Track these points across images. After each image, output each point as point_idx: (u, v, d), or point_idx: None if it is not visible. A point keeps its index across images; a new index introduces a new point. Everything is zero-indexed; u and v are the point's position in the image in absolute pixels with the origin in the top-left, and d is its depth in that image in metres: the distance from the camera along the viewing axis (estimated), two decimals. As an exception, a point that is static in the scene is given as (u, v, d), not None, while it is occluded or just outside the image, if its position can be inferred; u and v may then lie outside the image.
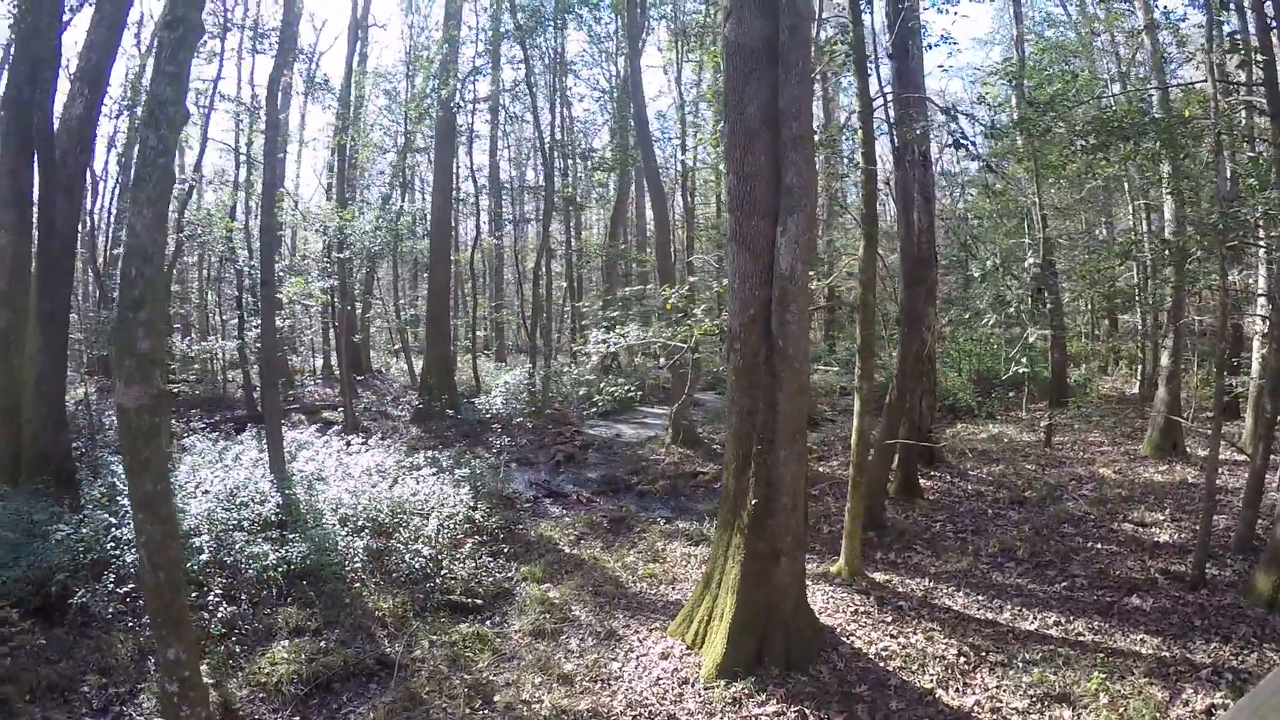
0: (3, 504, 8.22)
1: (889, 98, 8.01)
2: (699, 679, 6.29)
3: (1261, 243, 8.08)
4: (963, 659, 6.18)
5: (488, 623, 7.83)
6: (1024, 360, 7.38)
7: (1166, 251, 9.29)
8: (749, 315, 6.52)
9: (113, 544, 7.52)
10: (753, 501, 6.45)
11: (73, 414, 11.74)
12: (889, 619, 7.07)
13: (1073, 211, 17.32)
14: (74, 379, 21.08)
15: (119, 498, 8.27)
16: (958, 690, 5.81)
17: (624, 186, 25.04)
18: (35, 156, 8.68)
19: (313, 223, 15.70)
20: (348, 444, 12.47)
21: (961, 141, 6.75)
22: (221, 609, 7.13)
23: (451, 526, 9.73)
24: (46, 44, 8.41)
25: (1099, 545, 8.49)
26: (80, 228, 18.85)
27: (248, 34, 16.69)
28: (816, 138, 8.44)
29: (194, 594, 7.32)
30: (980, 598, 7.41)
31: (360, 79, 20.62)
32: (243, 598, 7.69)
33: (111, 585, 7.04)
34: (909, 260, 8.69)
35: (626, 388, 15.03)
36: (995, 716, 5.51)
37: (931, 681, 5.92)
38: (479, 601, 8.22)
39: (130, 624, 6.98)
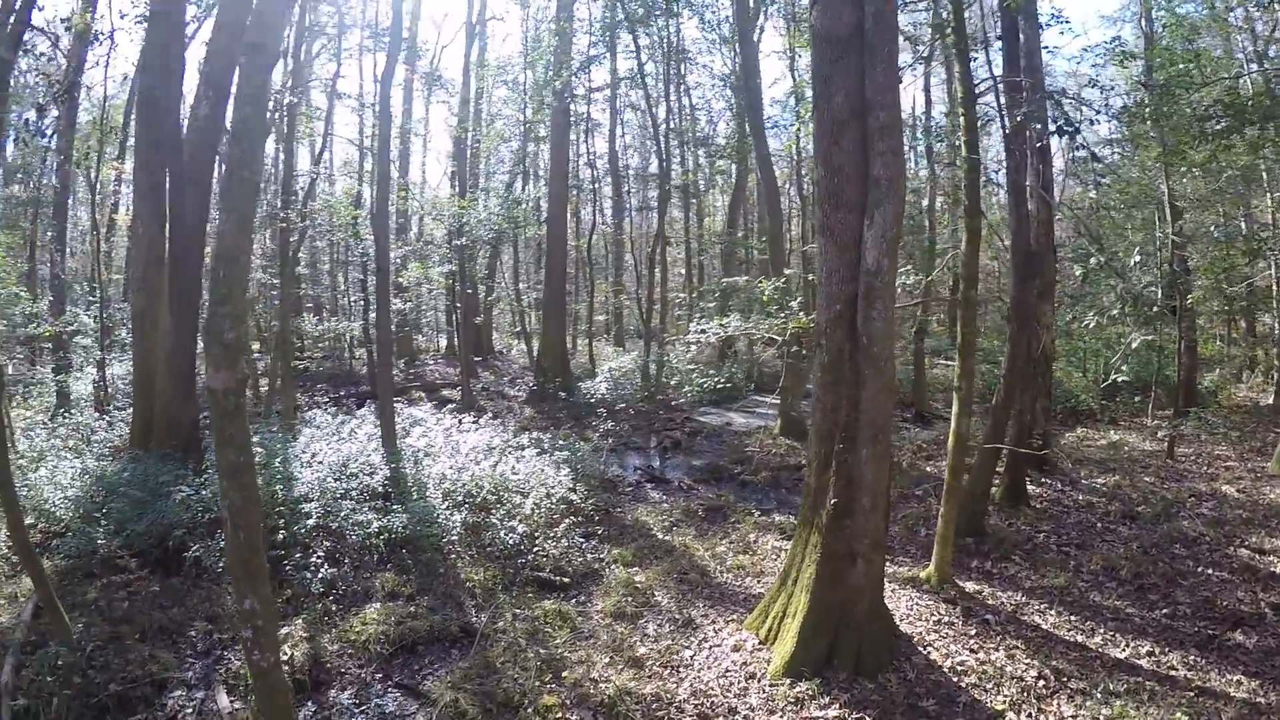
0: (133, 466, 9.26)
1: (999, 82, 7.49)
2: (766, 675, 6.25)
3: None
4: (1041, 682, 5.79)
5: (572, 601, 8.04)
6: (1123, 368, 6.69)
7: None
8: (835, 311, 6.36)
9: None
10: (832, 501, 6.31)
11: (203, 388, 13.09)
12: (972, 632, 6.72)
13: (1210, 204, 15.47)
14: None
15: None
16: (1030, 716, 5.45)
17: (743, 174, 24.71)
18: (166, 155, 9.56)
19: (429, 210, 16.54)
20: (459, 422, 13.13)
21: (1065, 128, 6.21)
22: (323, 570, 7.76)
23: (548, 506, 10.00)
24: (173, 53, 9.27)
25: (1209, 571, 7.71)
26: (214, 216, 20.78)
27: (366, 33, 17.64)
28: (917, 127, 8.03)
29: (298, 555, 8.03)
30: (1073, 618, 6.89)
31: (480, 71, 21.42)
32: (345, 561, 8.33)
33: (223, 542, 7.79)
34: (1020, 254, 8.12)
35: (716, 379, 14.93)
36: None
37: (1004, 703, 5.59)
38: (566, 580, 8.46)
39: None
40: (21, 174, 18.34)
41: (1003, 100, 7.67)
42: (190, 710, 5.81)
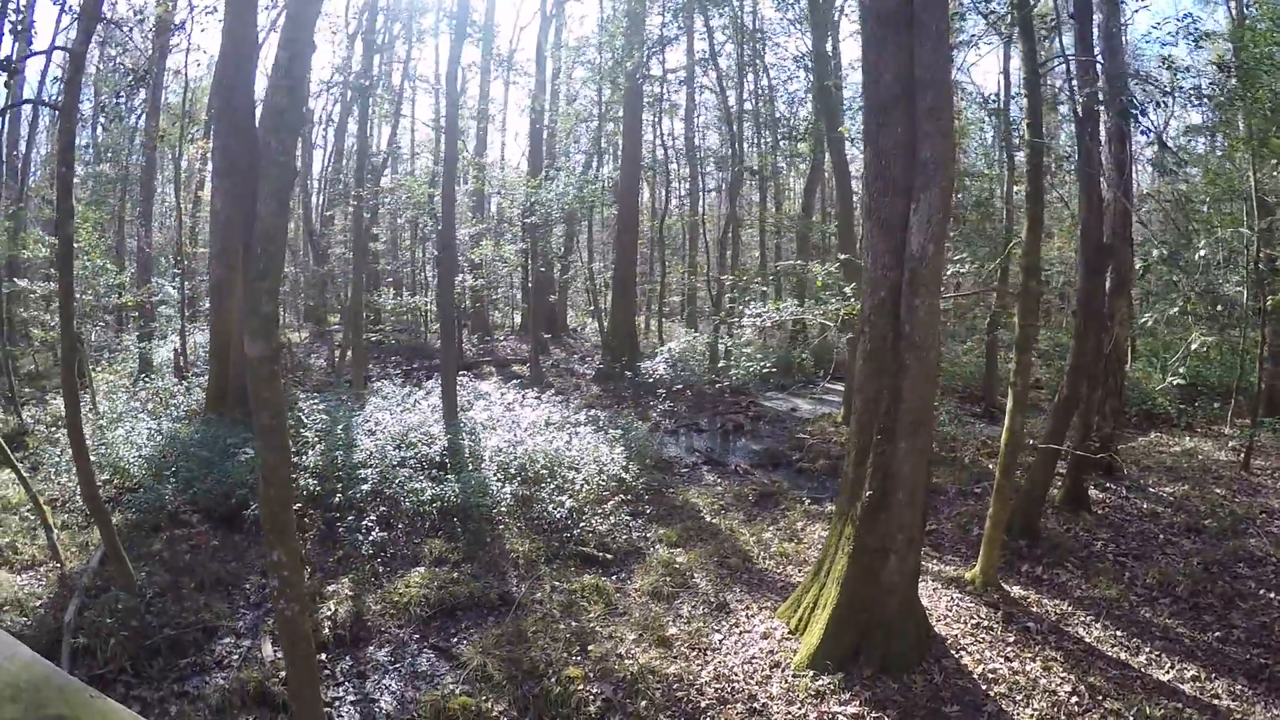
0: (204, 429, 9.93)
1: (1069, 61, 6.99)
2: (790, 665, 6.19)
3: None
4: (1074, 699, 5.48)
5: (612, 577, 8.12)
6: (1180, 370, 6.10)
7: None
8: (879, 298, 6.16)
9: (290, 468, 8.79)
10: (867, 493, 6.16)
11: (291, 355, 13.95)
12: (1011, 638, 6.44)
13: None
14: (293, 324, 24.64)
15: (302, 430, 9.65)
16: (1056, 733, 5.21)
17: (820, 157, 24.10)
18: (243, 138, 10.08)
19: (496, 188, 16.90)
20: (523, 397, 13.44)
21: (1130, 111, 5.74)
22: (374, 534, 8.14)
23: (598, 483, 10.09)
24: (246, 42, 9.73)
25: (1272, 594, 7.07)
26: (304, 194, 21.77)
27: (439, 15, 18.08)
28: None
29: (351, 518, 8.44)
30: (1119, 633, 6.48)
31: (556, 53, 21.62)
32: (399, 526, 8.71)
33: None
34: (1090, 245, 7.60)
35: (763, 363, 14.68)
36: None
37: (1031, 717, 5.33)
38: (609, 556, 8.54)
39: (297, 538, 8.16)
40: (110, 153, 19.85)
41: (1074, 81, 7.16)
42: (237, 656, 6.25)
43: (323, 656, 6.42)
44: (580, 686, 6.03)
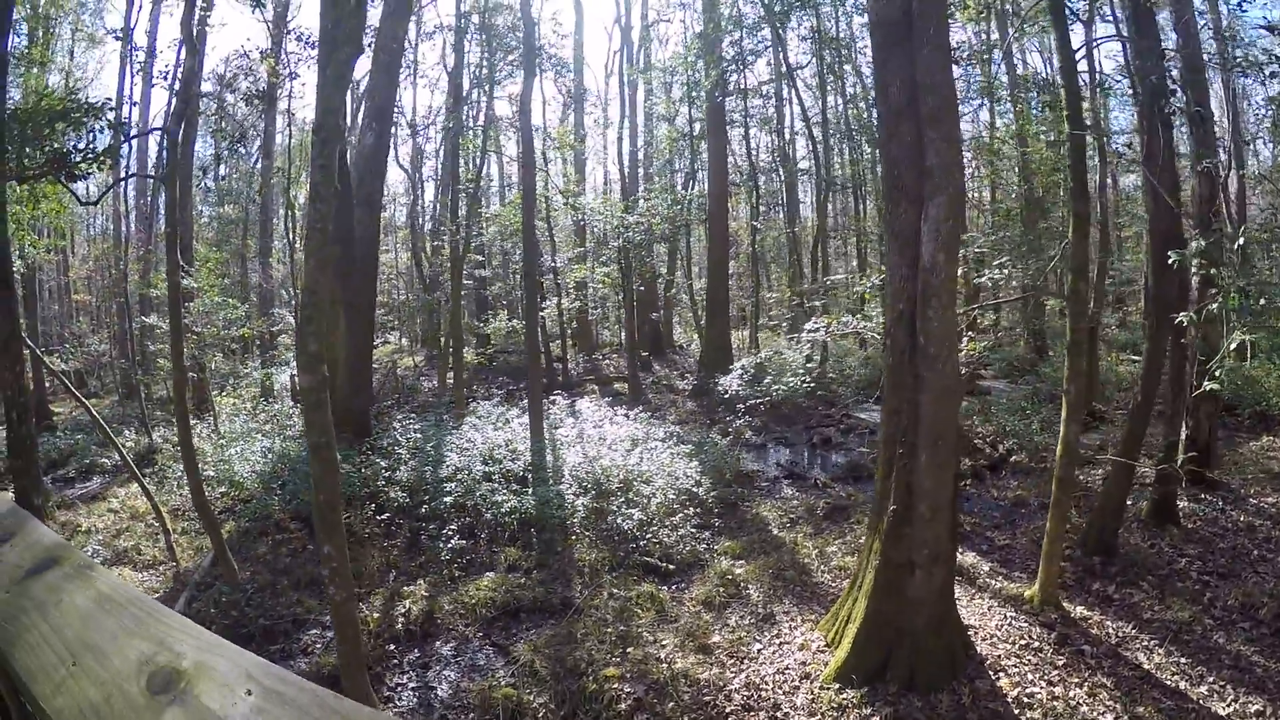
0: None
1: (1127, 44, 6.54)
2: (819, 678, 6.23)
3: None
4: (1113, 730, 5.15)
5: (671, 587, 8.44)
6: (1217, 373, 5.33)
7: None
8: (898, 310, 6.14)
9: (383, 482, 9.78)
10: (891, 508, 6.13)
11: (402, 378, 15.23)
12: (1061, 661, 6.10)
13: None
14: (408, 348, 26.61)
15: (396, 448, 10.65)
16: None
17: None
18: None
19: (584, 214, 17.64)
20: (615, 414, 14.01)
21: (1173, 88, 5.31)
22: (453, 541, 8.92)
23: (669, 496, 10.43)
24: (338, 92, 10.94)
25: None
26: (414, 228, 23.58)
27: (515, 56, 19.18)
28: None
29: (433, 526, 9.28)
30: (1183, 659, 5.94)
31: (643, 75, 22.21)
32: (481, 535, 9.46)
33: (371, 512, 9.21)
34: (1160, 238, 7.01)
35: (804, 380, 14.33)
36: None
37: (1057, 748, 5.08)
38: (671, 567, 8.86)
39: (385, 544, 9.09)
40: (230, 197, 22.47)
41: (1133, 65, 6.69)
42: (320, 645, 7.14)
43: (393, 648, 7.22)
44: (615, 685, 6.39)
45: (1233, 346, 5.21)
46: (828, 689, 6.02)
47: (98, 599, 0.80)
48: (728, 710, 6.04)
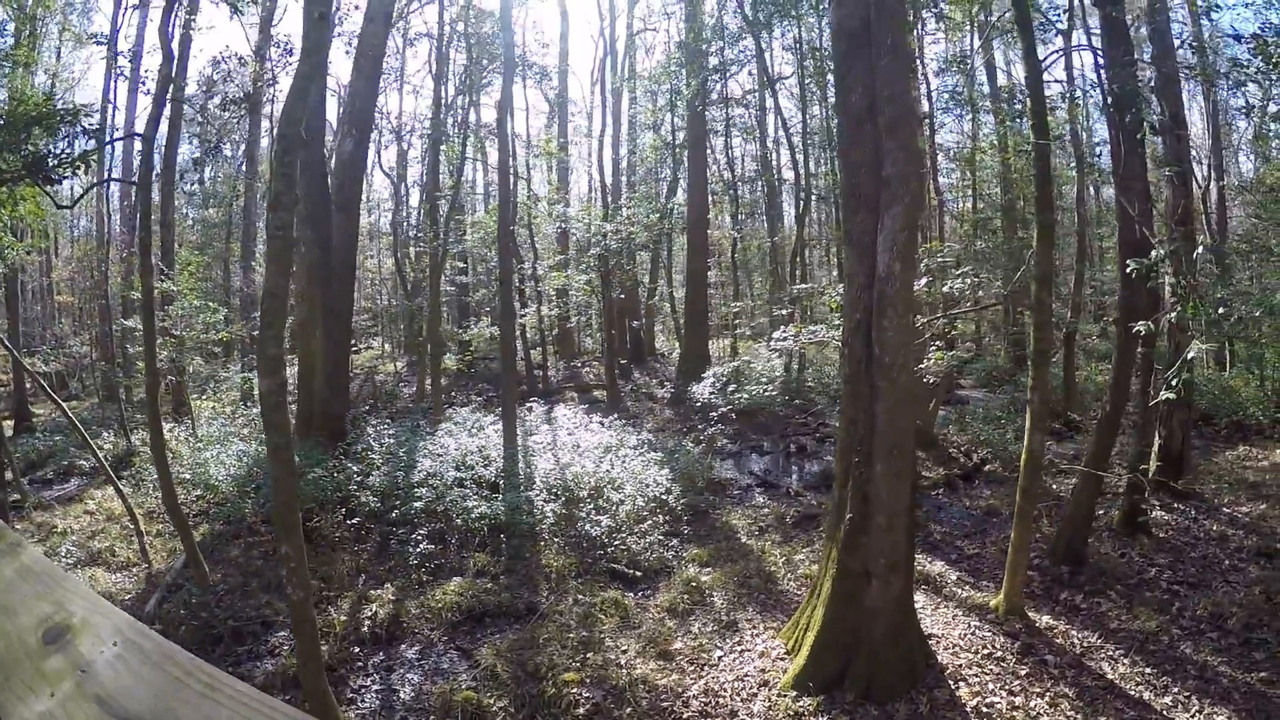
0: None
1: (1098, 53, 6.58)
2: (777, 685, 6.21)
3: None
4: (1076, 741, 5.13)
5: (636, 594, 8.42)
6: (1174, 383, 5.30)
7: None
8: (854, 319, 6.16)
9: (355, 486, 9.74)
10: (847, 517, 6.13)
11: (382, 384, 15.21)
12: (1023, 671, 6.09)
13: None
14: (395, 354, 26.52)
15: (369, 453, 10.60)
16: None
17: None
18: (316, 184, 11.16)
19: (559, 220, 17.65)
20: (589, 422, 13.98)
21: (1146, 97, 5.32)
22: (421, 546, 8.88)
23: (639, 504, 10.40)
24: (316, 100, 10.84)
25: None
26: (397, 234, 23.54)
27: (496, 65, 19.25)
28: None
29: (402, 531, 9.24)
30: (1148, 669, 5.93)
31: (625, 84, 22.31)
32: (451, 540, 9.42)
33: (342, 516, 9.17)
34: (1128, 248, 7.05)
35: (767, 389, 14.37)
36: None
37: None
38: (638, 574, 8.83)
39: (355, 548, 9.04)
40: (214, 201, 22.41)
41: (1104, 73, 6.72)
42: (287, 647, 7.08)
43: (359, 650, 7.19)
44: (574, 690, 6.37)
45: (1190, 355, 5.20)
46: (785, 696, 6.00)
47: (20, 570, 0.96)
48: (685, 716, 6.02)
